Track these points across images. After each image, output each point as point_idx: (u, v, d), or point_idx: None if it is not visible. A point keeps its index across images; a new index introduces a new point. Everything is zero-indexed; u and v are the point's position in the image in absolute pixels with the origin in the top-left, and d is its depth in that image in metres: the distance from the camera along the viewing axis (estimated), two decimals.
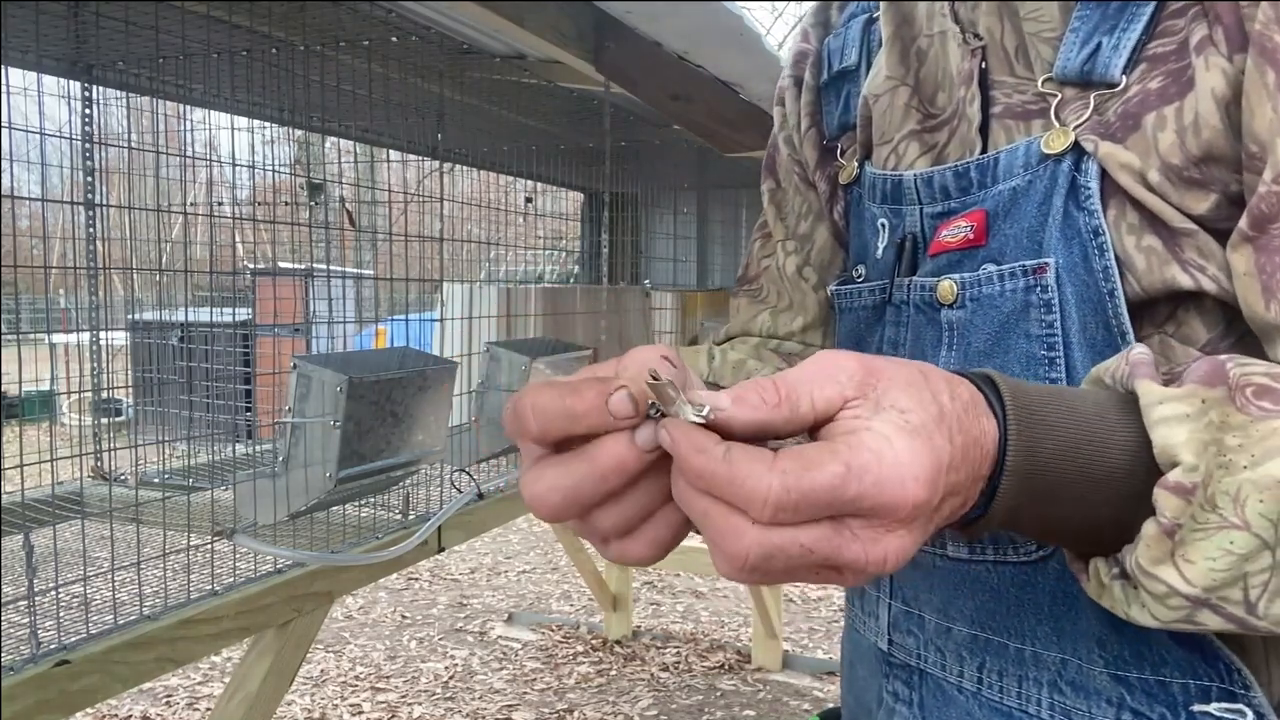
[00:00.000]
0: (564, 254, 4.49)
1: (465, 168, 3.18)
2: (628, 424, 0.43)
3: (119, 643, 1.32)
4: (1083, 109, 0.58)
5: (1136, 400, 0.47)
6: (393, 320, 3.28)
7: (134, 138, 2.48)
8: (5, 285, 1.82)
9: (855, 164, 0.76)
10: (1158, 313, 0.57)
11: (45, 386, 3.00)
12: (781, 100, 0.86)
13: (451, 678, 3.69)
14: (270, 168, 1.94)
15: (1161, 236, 0.56)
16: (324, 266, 2.55)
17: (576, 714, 3.35)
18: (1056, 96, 0.60)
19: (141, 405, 2.44)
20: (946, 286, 0.63)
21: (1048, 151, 0.59)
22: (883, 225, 0.71)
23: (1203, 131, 0.53)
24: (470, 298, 2.58)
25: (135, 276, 2.83)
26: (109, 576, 1.46)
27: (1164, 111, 0.55)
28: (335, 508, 1.86)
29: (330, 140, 2.89)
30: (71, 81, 2.09)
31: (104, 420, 2.33)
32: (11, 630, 1.30)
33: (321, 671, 3.73)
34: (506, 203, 3.58)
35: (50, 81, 2.06)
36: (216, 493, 1.95)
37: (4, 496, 1.58)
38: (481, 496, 1.98)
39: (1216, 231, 0.54)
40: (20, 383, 1.37)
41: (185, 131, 2.34)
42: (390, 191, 2.70)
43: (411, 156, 3.23)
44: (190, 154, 2.11)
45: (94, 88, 2.12)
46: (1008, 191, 0.61)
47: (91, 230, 2.13)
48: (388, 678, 3.68)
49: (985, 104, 0.64)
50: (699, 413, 0.42)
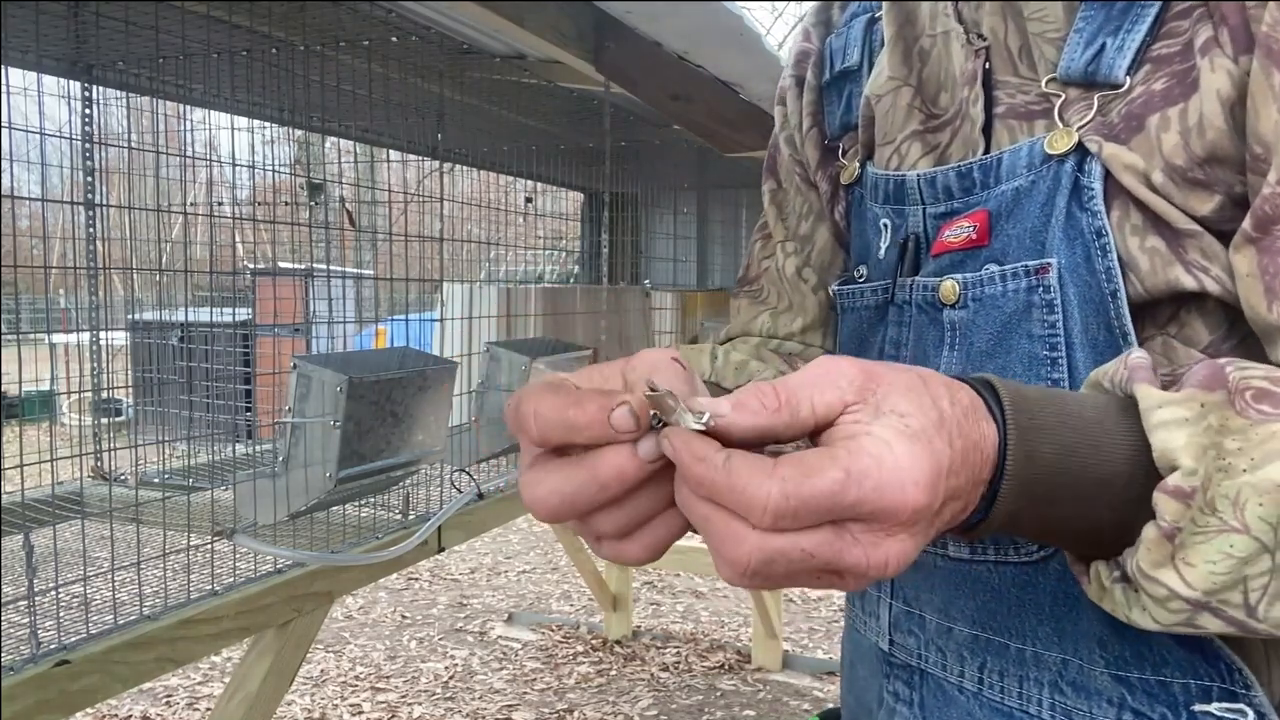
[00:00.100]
0: (564, 254, 4.49)
1: (465, 168, 3.18)
2: (629, 438, 0.44)
3: (119, 643, 1.31)
4: (1086, 110, 0.58)
5: (1136, 404, 0.47)
6: (393, 320, 3.28)
7: (134, 138, 2.48)
8: (5, 285, 1.82)
9: (857, 164, 0.76)
10: (1160, 314, 0.57)
11: (45, 386, 3.00)
12: (783, 100, 0.85)
13: (451, 678, 3.69)
14: (270, 168, 1.94)
15: (1165, 237, 0.55)
16: (324, 266, 2.55)
17: (576, 714, 3.35)
18: (1060, 97, 0.60)
19: (141, 405, 2.44)
20: (949, 286, 0.63)
21: (1051, 152, 0.58)
22: (885, 225, 0.71)
23: (1207, 133, 0.53)
24: (470, 298, 2.58)
25: (135, 276, 2.83)
26: (109, 576, 1.46)
27: (1168, 113, 0.55)
28: (335, 508, 1.86)
29: (330, 140, 2.89)
30: (71, 81, 2.09)
31: (104, 420, 2.33)
32: (11, 630, 1.30)
33: (321, 671, 3.73)
34: (506, 203, 3.58)
35: (50, 81, 2.06)
36: (216, 493, 1.94)
37: (4, 496, 1.58)
38: (481, 496, 1.98)
39: (1220, 233, 0.54)
40: (20, 383, 1.37)
41: (185, 131, 2.34)
42: (390, 191, 2.70)
43: (411, 156, 3.23)
44: (190, 154, 2.11)
45: (94, 88, 2.12)
46: (1010, 192, 0.61)
47: (91, 230, 2.13)
48: (388, 678, 3.68)
49: (988, 104, 0.64)
50: (699, 420, 0.42)
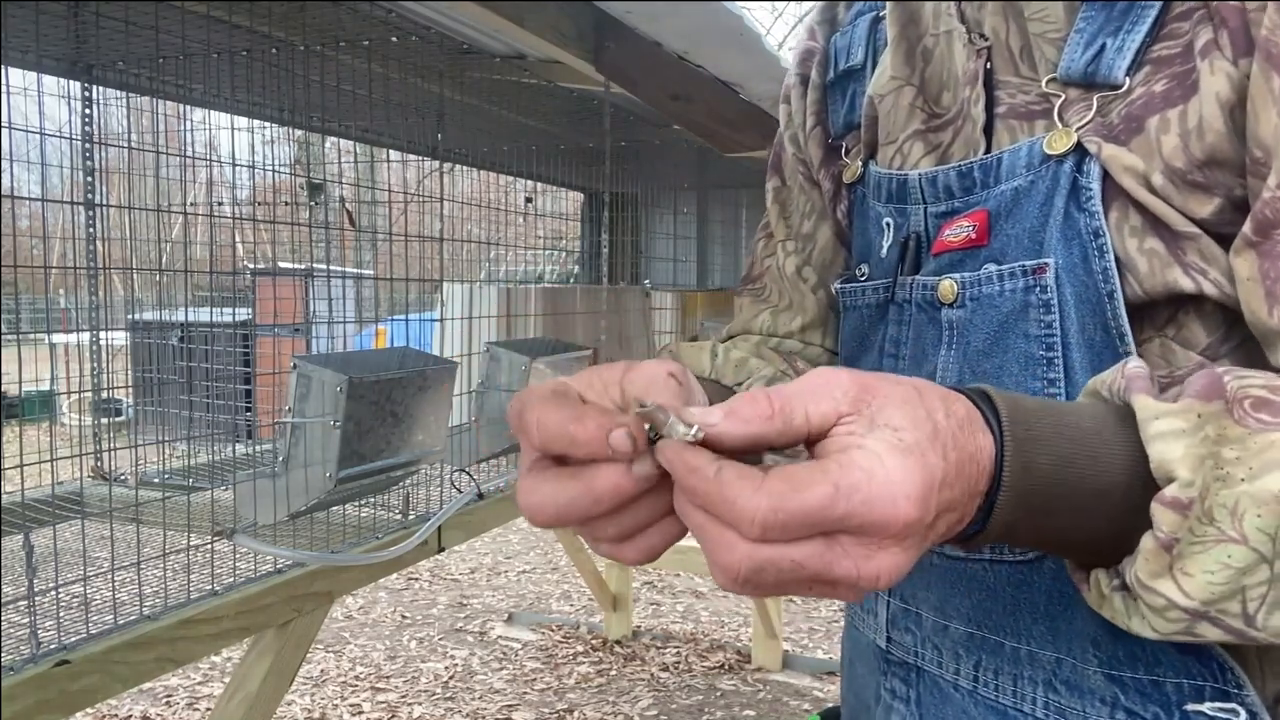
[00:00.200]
0: (564, 254, 4.49)
1: (465, 168, 3.18)
2: (626, 459, 0.45)
3: (119, 643, 1.32)
4: (1086, 110, 0.58)
5: (1134, 414, 0.48)
6: (393, 320, 3.29)
7: (134, 138, 2.48)
8: (5, 285, 1.82)
9: (859, 163, 0.76)
10: (1158, 315, 0.57)
11: (45, 386, 3.00)
12: (788, 98, 0.85)
13: (451, 678, 3.69)
14: (270, 168, 1.94)
15: (1164, 239, 0.55)
16: (324, 266, 2.55)
17: (576, 714, 3.35)
18: (1060, 97, 0.60)
19: (141, 405, 2.44)
20: (947, 286, 0.63)
21: (1050, 152, 0.58)
22: (888, 224, 0.71)
23: (1206, 135, 0.53)
24: (470, 298, 2.58)
25: (135, 276, 2.83)
26: (109, 576, 1.46)
27: (1168, 114, 0.55)
28: (335, 508, 1.86)
29: (330, 140, 2.89)
30: (71, 81, 2.09)
31: (104, 420, 2.33)
32: (11, 630, 1.30)
33: (321, 671, 3.73)
34: (506, 203, 3.58)
35: (50, 81, 2.06)
36: (216, 493, 1.95)
37: (4, 496, 1.58)
38: (481, 496, 1.98)
39: (1219, 235, 0.54)
40: (20, 383, 1.37)
41: (185, 131, 2.34)
42: (390, 191, 2.70)
43: (411, 156, 3.23)
44: (190, 154, 2.11)
45: (94, 88, 2.12)
46: (1010, 191, 0.61)
47: (91, 230, 2.13)
48: (388, 678, 3.68)
49: (990, 104, 0.64)
50: (690, 432, 0.43)
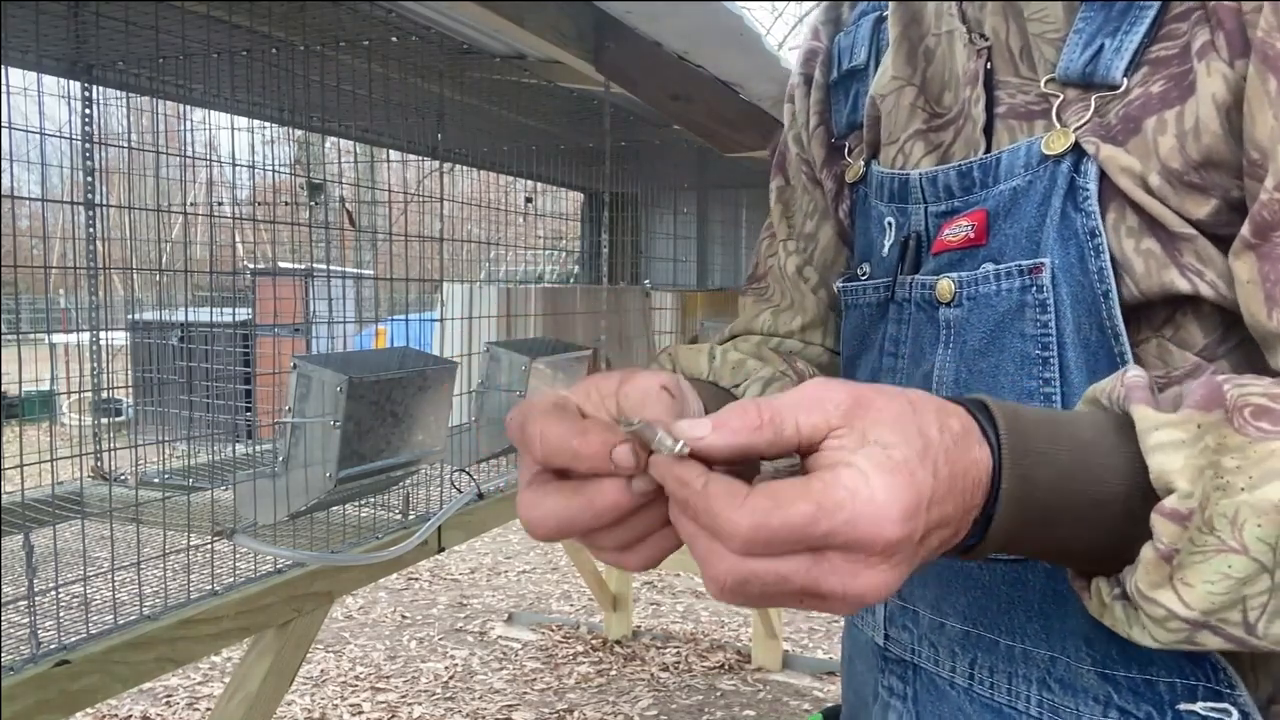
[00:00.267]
0: (564, 254, 4.49)
1: (465, 168, 3.18)
2: (628, 474, 0.46)
3: (119, 643, 1.32)
4: (1084, 111, 0.58)
5: (1133, 424, 0.48)
6: (393, 320, 3.29)
7: (134, 138, 2.48)
8: (5, 285, 1.82)
9: (861, 163, 0.76)
10: (1155, 316, 0.57)
11: (45, 386, 3.00)
12: (791, 98, 0.86)
13: (451, 678, 3.69)
14: (270, 168, 1.94)
15: (1160, 240, 0.56)
16: (324, 266, 2.55)
17: (576, 714, 3.35)
18: (1059, 98, 0.60)
19: (141, 405, 2.44)
20: (945, 285, 0.63)
21: (1048, 152, 0.59)
22: (889, 224, 0.71)
23: (1203, 137, 0.53)
24: (470, 298, 2.58)
25: (135, 276, 2.83)
26: (109, 576, 1.46)
27: (1165, 115, 0.55)
28: (335, 508, 1.86)
29: (330, 140, 2.89)
30: (71, 81, 2.09)
31: (104, 420, 2.33)
32: (11, 630, 1.30)
33: (321, 671, 3.73)
34: (506, 203, 3.58)
35: (50, 81, 2.06)
36: (216, 493, 1.95)
37: (4, 496, 1.58)
38: (481, 496, 1.98)
39: (1216, 237, 0.54)
40: (20, 383, 1.38)
41: (185, 131, 2.34)
42: (390, 191, 2.70)
43: (411, 156, 3.23)
44: (190, 154, 2.11)
45: (94, 88, 2.12)
46: (1008, 191, 0.61)
47: (91, 230, 2.13)
48: (388, 678, 3.68)
49: (990, 104, 0.64)
50: (678, 446, 0.44)
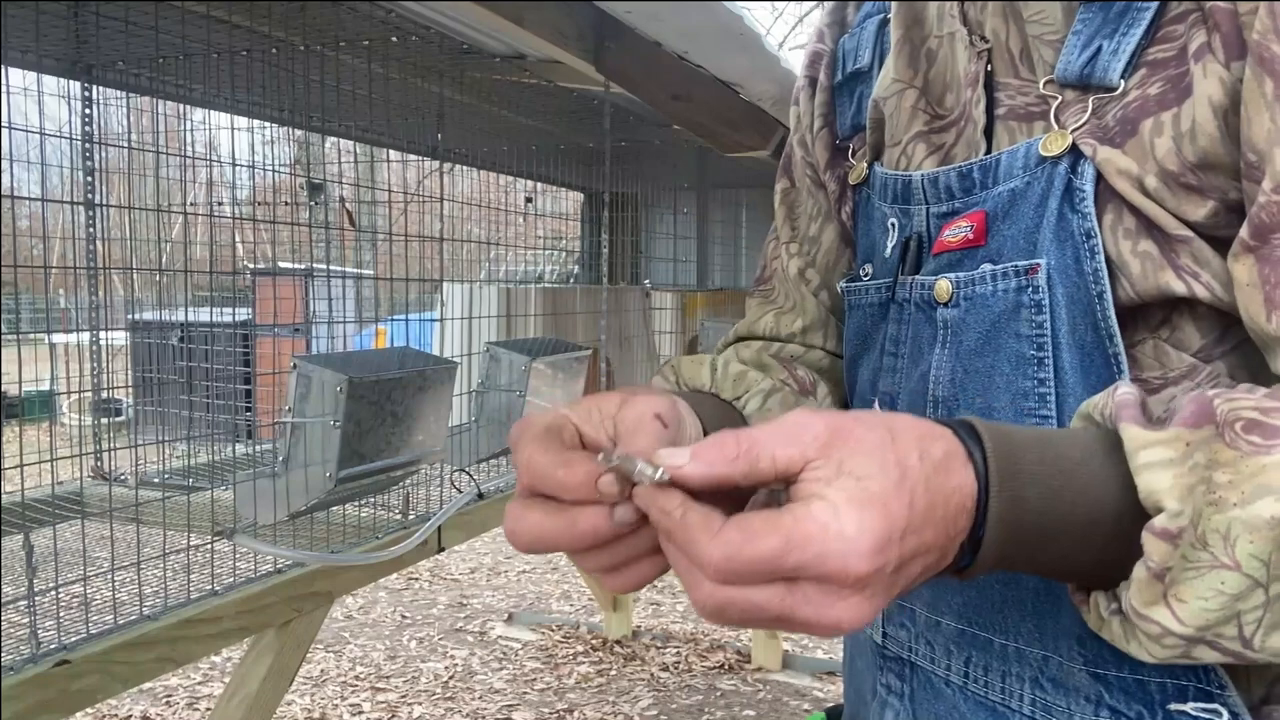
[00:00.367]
0: (564, 254, 4.49)
1: (465, 168, 3.18)
2: (611, 502, 0.48)
3: (119, 643, 1.32)
4: (1081, 112, 0.59)
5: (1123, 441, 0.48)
6: (393, 320, 3.29)
7: (134, 138, 2.48)
8: (5, 285, 1.82)
9: (865, 165, 0.77)
10: (1151, 317, 0.58)
11: (45, 386, 3.00)
12: (797, 100, 0.86)
13: (451, 678, 3.69)
14: (270, 168, 1.95)
15: (1157, 242, 0.56)
16: (324, 266, 2.55)
17: (576, 714, 3.35)
18: (1057, 99, 0.60)
19: (141, 405, 2.44)
20: (943, 285, 0.64)
21: (1045, 154, 0.59)
22: (893, 225, 0.71)
23: (1199, 139, 0.53)
24: (470, 298, 2.58)
25: (135, 276, 2.84)
26: (109, 576, 1.46)
27: (1161, 117, 0.55)
28: (335, 508, 1.86)
29: (330, 140, 2.89)
30: (71, 81, 2.09)
31: (104, 420, 2.33)
32: (11, 630, 1.30)
33: (321, 671, 3.73)
34: (506, 203, 3.58)
35: (50, 81, 2.06)
36: (216, 493, 1.95)
37: (4, 496, 1.58)
38: (481, 496, 1.98)
39: (1214, 239, 0.54)
40: (20, 383, 1.38)
41: (185, 131, 2.34)
42: (390, 191, 2.70)
43: (411, 156, 3.22)
44: (190, 154, 2.11)
45: (94, 88, 2.12)
46: (1007, 193, 0.61)
47: (91, 230, 2.13)
48: (388, 678, 3.68)
49: (990, 106, 0.64)
50: (656, 474, 0.45)
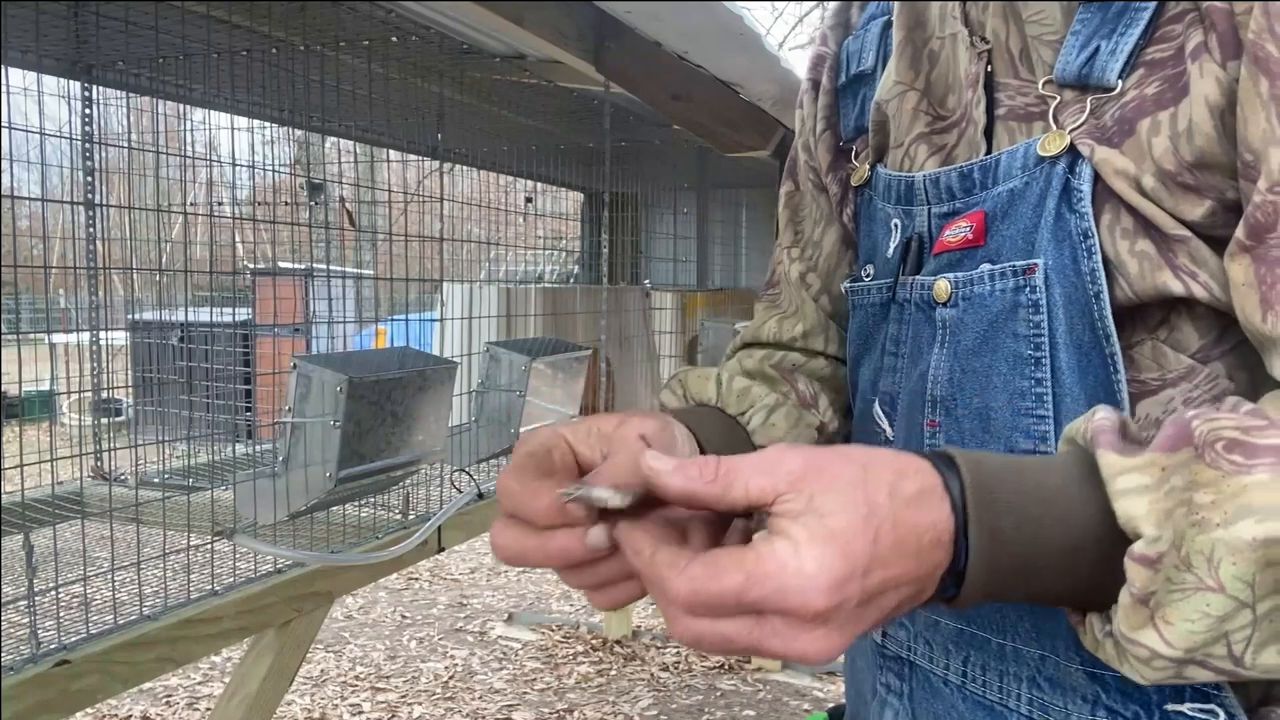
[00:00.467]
0: (564, 254, 4.49)
1: (465, 168, 3.18)
2: (581, 525, 0.51)
3: (119, 643, 1.32)
4: (1080, 113, 0.59)
5: None
6: (393, 320, 3.29)
7: (134, 138, 2.48)
8: (5, 285, 1.82)
9: (867, 166, 0.77)
10: (1150, 317, 0.58)
11: (45, 386, 3.00)
12: (800, 103, 0.87)
13: (451, 678, 3.69)
14: (270, 168, 1.95)
15: (1155, 242, 0.56)
16: (324, 266, 2.55)
17: (576, 714, 3.35)
18: (1056, 99, 0.60)
19: (141, 405, 2.44)
20: (942, 285, 0.64)
21: (1043, 154, 0.59)
22: (895, 225, 0.72)
23: (1196, 138, 0.53)
24: (470, 298, 2.58)
25: (135, 276, 2.84)
26: (109, 576, 1.46)
27: (1159, 117, 0.55)
28: (335, 508, 1.86)
29: (330, 140, 2.89)
30: (71, 81, 2.09)
31: (104, 420, 2.33)
32: (11, 630, 1.30)
33: (321, 671, 3.73)
34: (506, 203, 3.58)
35: (50, 81, 2.06)
36: (216, 493, 1.95)
37: (4, 496, 1.58)
38: (481, 496, 1.98)
39: (1211, 238, 0.55)
40: (20, 383, 1.38)
41: (185, 131, 2.34)
42: (390, 191, 2.70)
43: (411, 156, 3.22)
44: (190, 154, 2.11)
45: (94, 88, 2.12)
46: (1006, 193, 0.61)
47: (91, 230, 2.13)
48: (388, 678, 3.68)
49: (991, 106, 0.65)
50: (621, 498, 0.48)
